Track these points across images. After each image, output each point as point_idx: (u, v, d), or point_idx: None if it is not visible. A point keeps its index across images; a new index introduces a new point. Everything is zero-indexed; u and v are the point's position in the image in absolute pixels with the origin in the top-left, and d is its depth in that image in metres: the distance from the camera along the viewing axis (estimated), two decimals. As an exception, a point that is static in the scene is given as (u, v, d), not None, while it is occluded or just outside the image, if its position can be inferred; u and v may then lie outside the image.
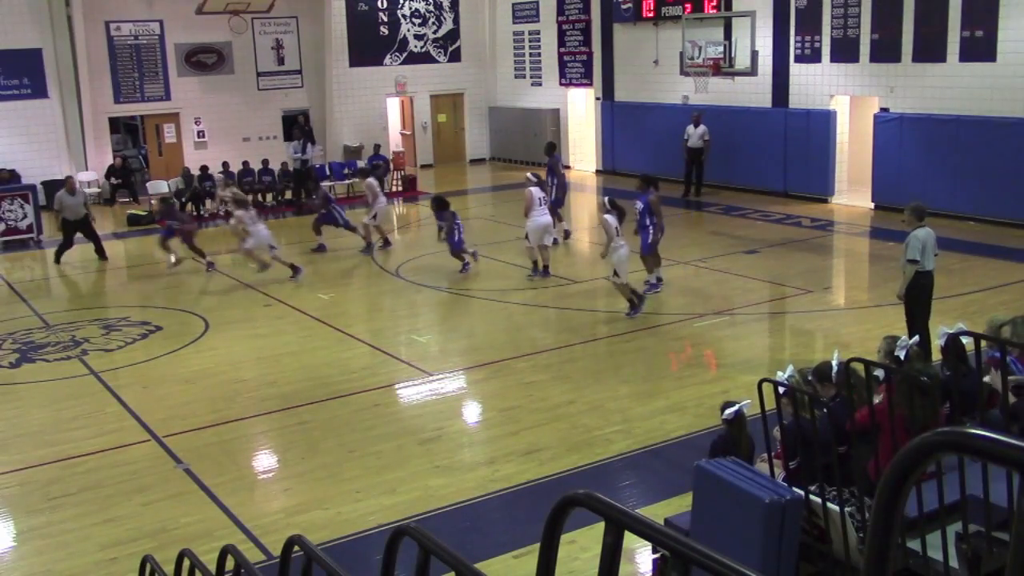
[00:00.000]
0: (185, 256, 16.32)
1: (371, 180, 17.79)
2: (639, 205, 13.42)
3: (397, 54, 27.27)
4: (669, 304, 13.17)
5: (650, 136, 23.51)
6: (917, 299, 9.73)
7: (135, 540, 7.23)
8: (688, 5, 21.86)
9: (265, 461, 9.08)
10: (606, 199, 12.86)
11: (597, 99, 25.53)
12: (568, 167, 26.53)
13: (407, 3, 27.17)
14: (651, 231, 13.31)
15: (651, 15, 23.06)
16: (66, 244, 17.14)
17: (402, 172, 25.04)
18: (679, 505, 6.93)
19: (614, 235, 12.19)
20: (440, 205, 15.29)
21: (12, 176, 21.66)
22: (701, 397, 9.57)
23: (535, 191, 14.58)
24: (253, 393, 10.48)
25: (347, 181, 23.92)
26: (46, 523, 7.67)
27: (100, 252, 17.32)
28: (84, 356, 11.97)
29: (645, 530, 1.84)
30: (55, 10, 22.54)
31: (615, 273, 12.32)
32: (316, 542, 5.48)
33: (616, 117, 24.86)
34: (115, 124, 25.52)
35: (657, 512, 6.85)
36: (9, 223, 19.09)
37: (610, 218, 12.26)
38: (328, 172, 23.89)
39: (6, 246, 18.96)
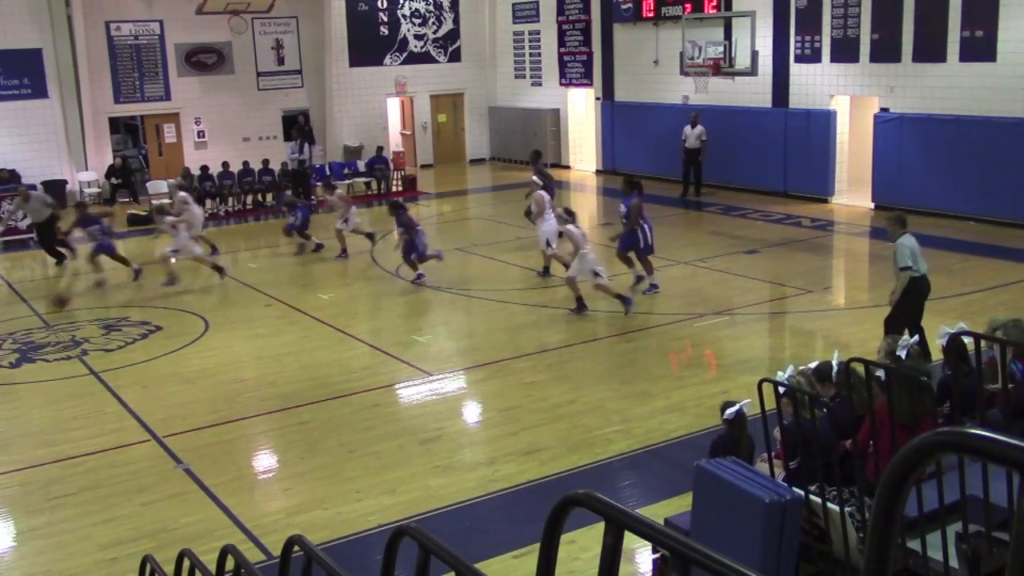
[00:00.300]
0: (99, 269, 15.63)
1: (340, 192, 17.88)
2: (623, 208, 13.46)
3: (397, 54, 27.27)
4: (669, 304, 13.17)
5: (650, 136, 23.50)
6: (914, 303, 9.73)
7: (135, 540, 7.23)
8: (688, 5, 21.86)
9: (265, 461, 9.08)
10: (562, 210, 12.95)
11: (597, 99, 25.52)
12: (568, 167, 26.60)
13: (407, 3, 27.18)
14: (637, 234, 13.31)
15: (651, 15, 23.06)
16: (44, 245, 17.16)
17: (402, 172, 25.05)
18: (679, 505, 6.94)
19: (581, 242, 12.33)
20: (396, 209, 15.00)
21: (12, 176, 21.66)
22: (701, 397, 9.58)
23: (544, 194, 14.56)
24: (253, 393, 10.49)
25: (347, 181, 23.94)
26: (46, 523, 7.67)
27: (58, 256, 16.86)
28: (84, 356, 11.97)
29: (645, 530, 1.83)
30: (55, 10, 22.55)
31: (595, 274, 12.41)
32: (316, 542, 5.48)
33: (616, 117, 24.86)
34: (115, 124, 25.52)
35: (657, 512, 6.85)
36: (9, 223, 19.09)
37: (573, 228, 12.40)
38: (328, 172, 23.92)
39: (6, 246, 18.97)
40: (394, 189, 24.33)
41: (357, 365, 11.29)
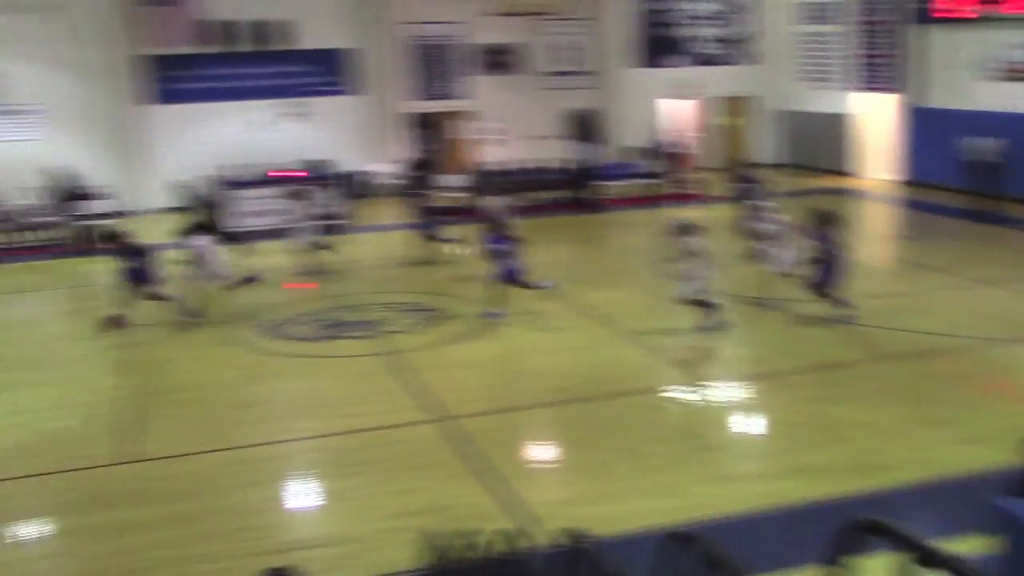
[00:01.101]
0: None
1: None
2: (817, 241, 12.55)
3: (683, 56, 27.16)
4: (972, 326, 12.18)
5: (960, 147, 21.67)
6: None
7: (418, 513, 7.65)
8: (1009, 5, 20.09)
9: (544, 452, 9.34)
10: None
11: (901, 105, 23.97)
12: (857, 176, 25.29)
13: (696, 5, 27.03)
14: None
15: (968, 16, 21.37)
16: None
17: (687, 173, 24.71)
18: (968, 546, 6.41)
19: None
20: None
21: (324, 166, 23.59)
22: (1003, 429, 8.80)
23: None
24: (537, 384, 10.84)
25: (623, 182, 24.00)
26: (342, 488, 8.32)
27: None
28: (380, 337, 12.83)
29: (953, 562, 1.73)
30: (366, 14, 24.65)
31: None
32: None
33: (920, 124, 23.24)
34: (414, 120, 27.23)
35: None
36: (321, 211, 20.79)
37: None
38: (608, 173, 24.14)
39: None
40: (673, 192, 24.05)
41: (637, 365, 11.36)
